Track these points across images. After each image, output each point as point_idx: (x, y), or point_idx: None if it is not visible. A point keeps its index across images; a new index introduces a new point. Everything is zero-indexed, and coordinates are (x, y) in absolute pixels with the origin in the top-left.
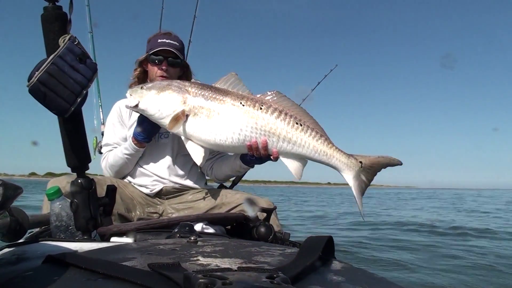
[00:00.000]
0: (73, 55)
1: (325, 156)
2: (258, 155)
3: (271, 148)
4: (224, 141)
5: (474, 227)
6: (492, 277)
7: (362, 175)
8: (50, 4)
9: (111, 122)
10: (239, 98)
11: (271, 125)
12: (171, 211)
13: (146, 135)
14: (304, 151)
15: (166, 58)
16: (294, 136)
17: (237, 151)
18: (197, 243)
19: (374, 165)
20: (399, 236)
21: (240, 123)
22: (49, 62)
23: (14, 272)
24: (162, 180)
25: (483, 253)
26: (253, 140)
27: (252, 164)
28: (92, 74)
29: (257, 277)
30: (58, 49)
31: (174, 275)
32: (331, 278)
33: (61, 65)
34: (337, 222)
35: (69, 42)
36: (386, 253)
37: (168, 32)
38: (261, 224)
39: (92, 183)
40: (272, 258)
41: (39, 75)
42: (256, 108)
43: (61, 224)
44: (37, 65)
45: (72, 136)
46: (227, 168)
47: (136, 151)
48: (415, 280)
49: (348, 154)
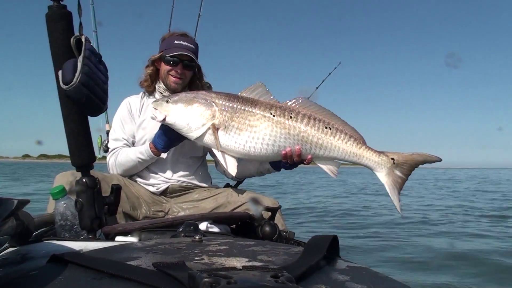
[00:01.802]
0: (95, 56)
1: (355, 157)
2: (292, 162)
3: (305, 155)
4: (258, 153)
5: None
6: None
7: (396, 171)
8: (55, 3)
9: (121, 117)
10: (269, 108)
11: (303, 133)
12: (176, 209)
13: (167, 146)
14: (335, 154)
15: (182, 60)
16: (325, 142)
17: (271, 160)
18: (201, 242)
19: (408, 161)
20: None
21: (274, 135)
22: (82, 63)
23: (19, 272)
24: (168, 179)
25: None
26: (288, 149)
27: (281, 168)
28: (107, 74)
29: (261, 276)
30: (83, 50)
31: (179, 275)
32: (335, 277)
33: (91, 66)
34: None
35: (87, 43)
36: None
37: (184, 33)
38: (265, 223)
39: (97, 182)
40: (277, 257)
41: (80, 77)
42: (287, 117)
43: (66, 223)
44: (66, 67)
45: (77, 135)
46: (253, 170)
47: (151, 158)
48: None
49: (379, 152)
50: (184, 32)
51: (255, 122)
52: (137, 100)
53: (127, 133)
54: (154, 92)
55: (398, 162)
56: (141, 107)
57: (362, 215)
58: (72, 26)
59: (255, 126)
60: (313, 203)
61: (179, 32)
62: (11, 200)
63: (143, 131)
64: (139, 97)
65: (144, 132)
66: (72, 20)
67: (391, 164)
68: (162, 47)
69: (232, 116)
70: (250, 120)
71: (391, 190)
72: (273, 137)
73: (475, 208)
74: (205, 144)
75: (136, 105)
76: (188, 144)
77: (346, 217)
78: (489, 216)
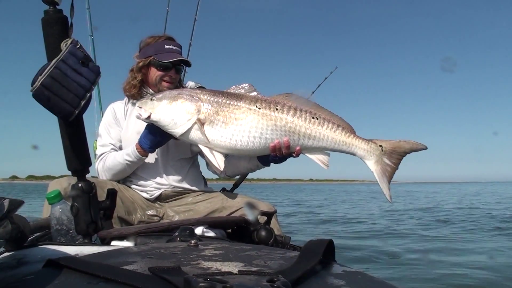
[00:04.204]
0: (76, 59)
1: (344, 145)
2: (280, 155)
3: (294, 146)
4: (245, 147)
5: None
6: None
7: (384, 158)
8: (50, 7)
9: (106, 123)
10: (254, 101)
11: (290, 124)
12: (171, 213)
13: (154, 145)
14: (324, 144)
15: (175, 65)
16: (313, 131)
17: (259, 154)
18: (197, 246)
19: (396, 148)
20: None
21: (260, 127)
22: (52, 66)
23: (15, 277)
24: (160, 185)
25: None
26: (276, 142)
27: (270, 163)
28: (95, 77)
29: (257, 281)
30: (61, 53)
31: (175, 279)
32: (331, 282)
33: (64, 68)
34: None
35: (71, 46)
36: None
37: (170, 36)
38: (261, 228)
39: (93, 186)
40: (273, 261)
41: (42, 79)
42: (272, 109)
43: (62, 228)
44: (40, 70)
45: (72, 139)
46: (242, 167)
47: (138, 159)
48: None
49: (368, 140)
50: (170, 36)
51: (240, 115)
52: (121, 106)
53: (114, 138)
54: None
55: (386, 149)
56: (125, 112)
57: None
58: (68, 31)
59: (241, 119)
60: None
61: (165, 36)
62: (2, 199)
63: (128, 135)
64: (123, 102)
65: (129, 136)
66: (68, 25)
67: (379, 152)
68: (150, 52)
69: (218, 110)
70: (236, 114)
71: (380, 178)
72: (259, 129)
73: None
74: (191, 141)
75: (121, 111)
76: (175, 145)
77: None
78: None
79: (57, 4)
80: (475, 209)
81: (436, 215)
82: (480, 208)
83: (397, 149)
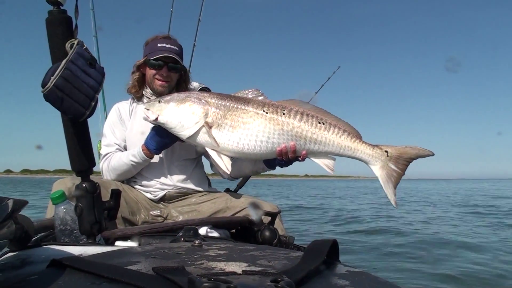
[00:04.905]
0: (84, 60)
1: (350, 150)
2: (287, 159)
3: (300, 150)
4: (252, 150)
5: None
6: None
7: (390, 164)
8: (55, 8)
9: (111, 123)
10: (261, 105)
11: (296, 129)
12: (175, 214)
13: (160, 147)
14: (330, 148)
15: (167, 63)
16: (319, 136)
17: (265, 157)
18: (201, 247)
19: (402, 154)
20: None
21: (267, 131)
22: (63, 67)
23: (19, 277)
24: (164, 186)
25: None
26: (283, 146)
27: (275, 166)
28: (101, 78)
29: (261, 281)
30: (69, 54)
31: (179, 279)
32: (335, 282)
33: (74, 69)
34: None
35: (78, 47)
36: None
37: (166, 35)
38: (265, 228)
39: (97, 187)
40: (277, 261)
41: (55, 80)
42: (279, 114)
43: (66, 228)
44: (48, 71)
45: (77, 140)
46: (247, 169)
47: (144, 160)
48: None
49: (373, 145)
50: (167, 35)
51: (248, 119)
52: (126, 106)
53: (119, 138)
54: (142, 98)
55: (391, 155)
56: (130, 112)
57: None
58: (72, 31)
59: (248, 123)
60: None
61: (162, 35)
62: (6, 199)
63: (132, 135)
64: (128, 102)
65: (133, 136)
66: (72, 25)
67: (385, 157)
68: (146, 52)
69: (225, 114)
70: (243, 118)
71: (385, 183)
72: (266, 134)
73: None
74: (198, 143)
75: (126, 111)
76: (180, 146)
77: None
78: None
79: (61, 4)
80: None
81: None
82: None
83: (403, 155)
